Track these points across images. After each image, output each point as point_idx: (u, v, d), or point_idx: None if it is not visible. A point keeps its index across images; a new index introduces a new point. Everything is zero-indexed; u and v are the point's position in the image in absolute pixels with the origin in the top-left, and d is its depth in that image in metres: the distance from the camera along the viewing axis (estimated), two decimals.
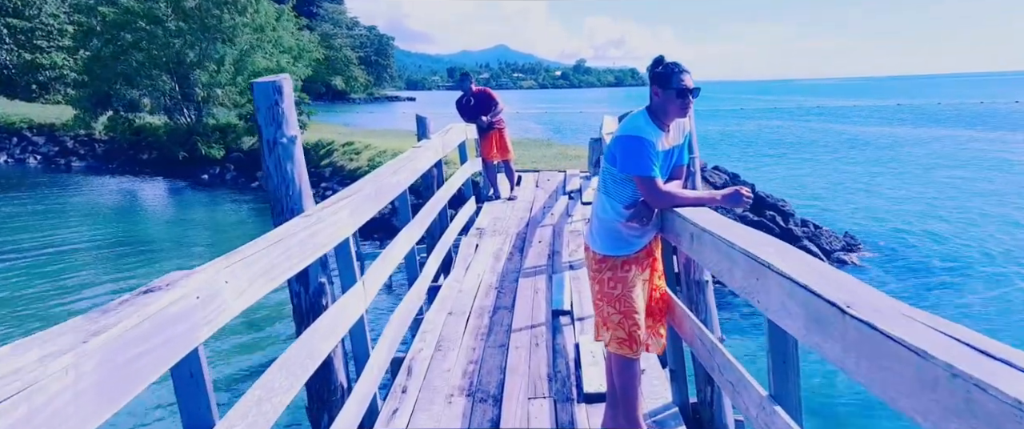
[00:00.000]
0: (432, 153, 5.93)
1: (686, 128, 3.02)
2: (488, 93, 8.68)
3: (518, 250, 6.56)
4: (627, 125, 2.85)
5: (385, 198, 4.12)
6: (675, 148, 2.95)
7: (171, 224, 16.80)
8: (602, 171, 3.00)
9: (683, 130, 2.99)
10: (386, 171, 4.43)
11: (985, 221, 13.94)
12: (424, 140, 6.22)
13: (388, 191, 4.18)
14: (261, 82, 3.20)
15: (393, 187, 4.34)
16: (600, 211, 2.97)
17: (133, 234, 15.22)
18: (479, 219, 7.87)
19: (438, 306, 5.06)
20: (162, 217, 17.61)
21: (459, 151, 7.98)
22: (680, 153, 2.99)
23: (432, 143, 6.06)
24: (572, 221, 7.64)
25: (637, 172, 2.77)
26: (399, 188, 4.53)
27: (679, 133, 2.97)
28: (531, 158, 13.79)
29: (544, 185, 10.02)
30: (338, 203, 3.31)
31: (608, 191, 2.93)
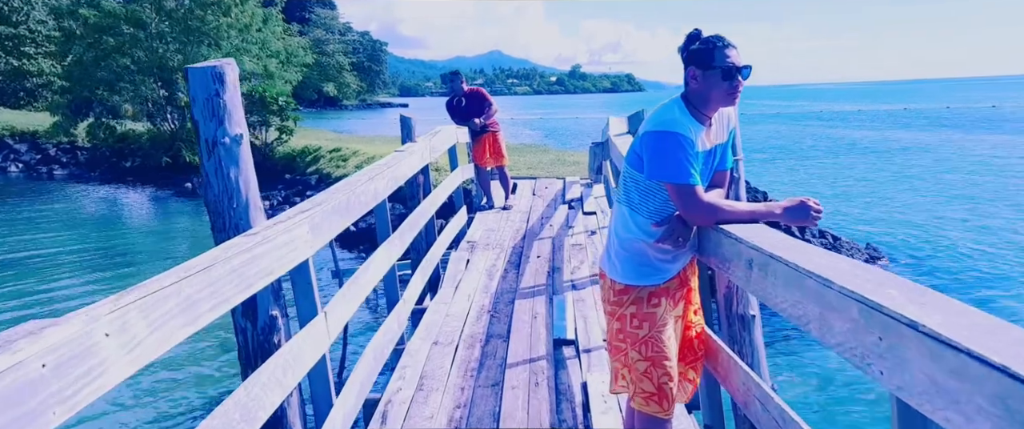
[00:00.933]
0: (417, 158, 5.28)
1: (731, 122, 2.38)
2: (481, 93, 8.03)
3: (514, 266, 5.90)
4: (658, 118, 2.20)
5: (358, 209, 3.47)
6: (718, 148, 2.31)
7: (151, 234, 16.12)
8: (623, 178, 2.35)
9: (727, 124, 2.35)
10: (361, 178, 3.78)
11: (1009, 227, 13.36)
12: (408, 144, 5.56)
13: (362, 201, 3.53)
14: (198, 67, 2.55)
15: (368, 197, 3.68)
16: (621, 229, 2.32)
17: (111, 245, 14.52)
18: (471, 231, 7.21)
19: (422, 334, 4.39)
20: (143, 227, 16.92)
21: (449, 156, 7.33)
22: (723, 154, 2.35)
23: (417, 147, 5.41)
24: (573, 233, 6.99)
25: (671, 178, 2.13)
26: (376, 198, 3.87)
27: (722, 128, 2.33)
28: (527, 164, 13.15)
29: (542, 193, 9.37)
30: (295, 218, 2.66)
31: (631, 203, 2.29)
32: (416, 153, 5.29)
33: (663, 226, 2.22)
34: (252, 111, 19.99)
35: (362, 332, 6.86)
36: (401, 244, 4.37)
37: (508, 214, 8.04)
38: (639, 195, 2.25)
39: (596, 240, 6.67)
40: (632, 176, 2.27)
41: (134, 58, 21.64)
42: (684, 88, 2.23)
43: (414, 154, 5.21)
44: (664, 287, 2.29)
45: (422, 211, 5.31)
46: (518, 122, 53.37)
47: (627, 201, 2.30)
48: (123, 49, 21.63)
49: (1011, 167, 21.60)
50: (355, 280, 3.28)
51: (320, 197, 3.19)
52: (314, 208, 2.87)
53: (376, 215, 4.17)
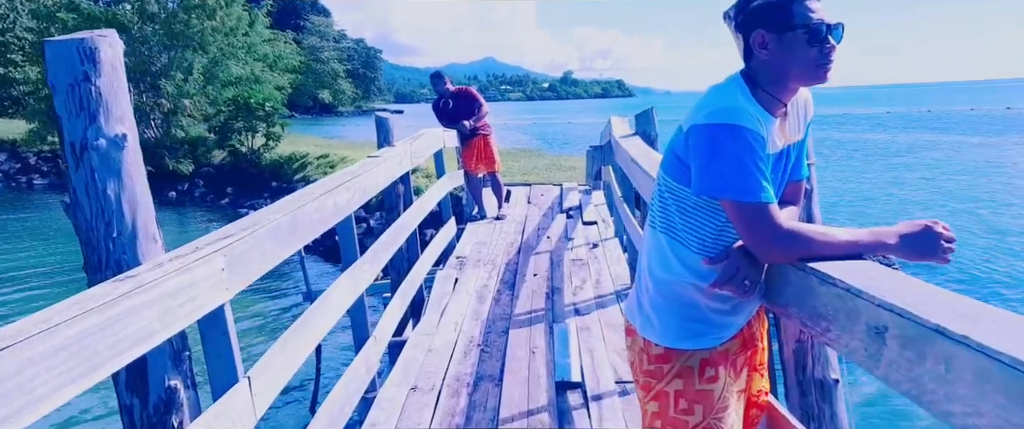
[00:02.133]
0: (394, 164, 4.57)
1: (809, 112, 1.67)
2: (469, 93, 7.33)
3: (508, 287, 5.18)
4: (712, 104, 1.48)
5: (308, 231, 2.76)
6: (792, 148, 1.60)
7: None
8: (658, 194, 1.63)
9: (804, 114, 1.65)
10: (314, 190, 3.07)
11: (1012, 228, 12.71)
12: (384, 148, 4.85)
13: (313, 220, 2.81)
14: (58, 42, 1.83)
15: (325, 213, 2.97)
16: (658, 267, 1.61)
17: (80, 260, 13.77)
18: (460, 245, 6.49)
19: (398, 377, 3.67)
20: None
21: (435, 162, 6.61)
22: (799, 157, 1.65)
23: (395, 152, 4.69)
24: (573, 246, 6.28)
25: (733, 193, 1.41)
26: (337, 214, 3.16)
27: (799, 120, 1.62)
28: (521, 170, 12.45)
29: (537, 201, 8.65)
30: (205, 249, 1.97)
31: (672, 229, 1.58)
32: (393, 159, 4.57)
33: (720, 263, 1.51)
34: (238, 117, 19.28)
35: (337, 367, 6.13)
36: (372, 268, 3.65)
37: (501, 225, 7.32)
38: (683, 218, 1.54)
39: (599, 254, 5.96)
40: (672, 190, 1.56)
41: None
42: (746, 64, 1.52)
43: (391, 160, 4.49)
44: (722, 350, 1.58)
45: (401, 225, 4.59)
46: (511, 127, 52.73)
47: (666, 227, 1.59)
48: None
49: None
50: (302, 324, 2.56)
51: (254, 218, 2.49)
52: (238, 235, 2.16)
53: (339, 235, 3.46)
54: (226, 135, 19.37)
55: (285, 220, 2.53)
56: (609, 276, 5.31)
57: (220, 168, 20.46)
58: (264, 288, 9.63)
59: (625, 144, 4.35)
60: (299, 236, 2.67)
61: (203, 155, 21.05)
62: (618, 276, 5.28)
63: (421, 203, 5.29)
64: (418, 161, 5.30)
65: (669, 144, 1.59)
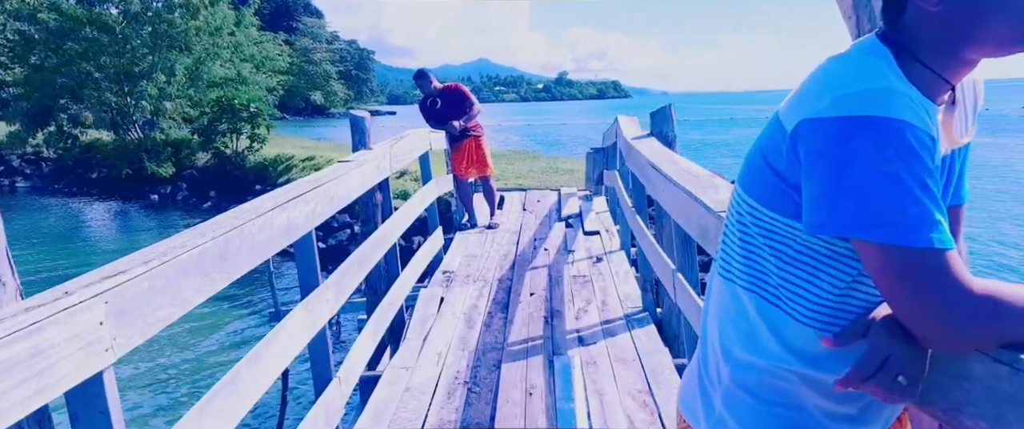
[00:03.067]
0: (370, 170, 3.96)
1: (979, 100, 1.06)
2: (459, 90, 6.73)
3: (501, 308, 4.58)
4: (843, 82, 0.86)
5: (248, 256, 2.16)
6: (955, 156, 1.00)
7: (111, 253, 14.71)
8: (736, 225, 1.02)
9: (974, 106, 1.04)
10: (264, 203, 2.47)
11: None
12: (360, 151, 4.24)
13: (257, 243, 2.21)
14: None
15: (273, 233, 2.37)
16: (740, 344, 1.00)
17: (64, 265, 13.11)
18: (448, 258, 5.88)
19: (367, 423, 3.06)
20: (102, 244, 15.48)
21: (421, 166, 6.00)
22: (962, 171, 1.04)
23: (371, 156, 4.08)
24: (574, 259, 5.68)
25: (886, 234, 0.80)
26: (291, 233, 2.56)
27: (968, 114, 1.02)
28: (515, 173, 11.84)
29: (533, 208, 8.04)
30: (78, 292, 1.39)
31: (764, 285, 0.96)
32: (369, 163, 3.96)
33: (853, 343, 0.91)
34: (221, 118, 18.62)
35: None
36: (338, 295, 3.04)
37: (494, 234, 6.71)
38: (785, 270, 0.94)
39: (604, 269, 5.36)
40: (763, 223, 0.95)
41: (98, 64, 20.19)
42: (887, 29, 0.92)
43: (366, 165, 3.88)
44: None
45: (378, 239, 3.98)
46: (505, 128, 52.22)
47: (752, 280, 0.98)
48: (87, 55, 20.17)
49: None
50: (231, 382, 1.95)
51: (171, 242, 1.89)
52: (133, 271, 1.56)
53: (296, 257, 2.85)
54: (210, 137, 18.70)
55: (212, 246, 1.93)
56: (616, 296, 4.71)
57: (204, 171, 19.79)
58: (233, 296, 8.96)
59: (640, 147, 3.76)
60: (233, 266, 2.06)
61: (187, 157, 20.37)
62: (627, 296, 4.68)
63: (403, 213, 4.68)
64: (400, 165, 4.69)
65: (756, 148, 0.98)
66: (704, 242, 2.33)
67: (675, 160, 3.19)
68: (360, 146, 4.30)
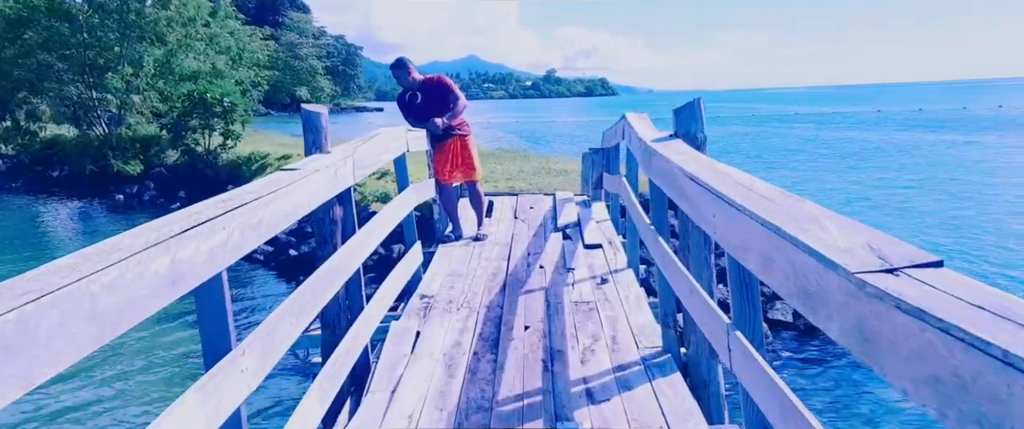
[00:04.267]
0: (326, 180, 3.10)
1: None
2: (442, 82, 5.87)
3: (489, 347, 3.73)
4: None
5: (78, 341, 1.31)
6: None
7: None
8: None
9: None
10: (144, 236, 1.63)
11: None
12: (314, 156, 3.37)
13: (106, 308, 1.36)
14: None
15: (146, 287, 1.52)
16: None
17: (12, 272, 12.13)
18: (428, 277, 5.03)
19: None
20: (62, 248, 14.50)
21: (396, 170, 5.12)
22: None
23: (328, 161, 3.22)
24: (574, 279, 4.84)
25: None
26: (178, 284, 1.71)
27: None
28: (505, 174, 10.99)
29: (526, 215, 7.19)
30: None
31: None
32: (326, 171, 3.10)
33: None
34: (192, 114, 17.63)
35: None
36: (265, 358, 2.18)
37: (482, 248, 5.87)
38: None
39: (611, 293, 4.53)
40: None
41: (60, 55, 19.10)
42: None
43: (321, 173, 3.03)
44: None
45: (334, 268, 3.12)
46: (494, 125, 51.39)
47: None
48: (48, 45, 19.07)
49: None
50: None
51: None
52: None
53: (199, 312, 2.00)
54: (180, 133, 17.69)
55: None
56: (629, 330, 3.88)
57: (174, 169, 18.77)
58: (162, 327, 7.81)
59: (667, 151, 2.92)
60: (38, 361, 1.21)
61: (156, 155, 19.33)
62: (642, 330, 3.85)
63: (371, 231, 3.82)
64: (366, 172, 3.82)
65: None
66: (802, 303, 1.51)
67: (723, 171, 2.36)
68: (314, 149, 3.43)
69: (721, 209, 2.00)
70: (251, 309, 9.10)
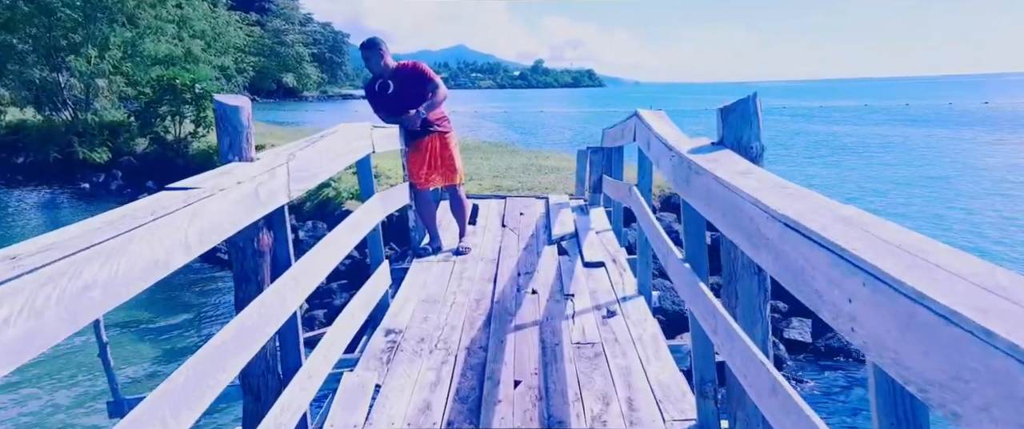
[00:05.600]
0: (246, 198, 2.22)
1: None
2: (418, 68, 4.99)
3: (469, 413, 2.86)
4: None
5: None
6: None
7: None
8: None
9: None
10: None
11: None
12: (231, 165, 2.47)
13: None
14: None
15: None
16: None
17: None
18: (396, 306, 4.16)
19: None
20: (25, 236, 13.52)
21: (359, 176, 4.21)
22: None
23: (250, 171, 2.33)
24: (575, 311, 3.98)
25: None
26: None
27: None
28: (492, 171, 10.10)
29: (516, 223, 6.32)
30: None
31: None
32: (241, 188, 2.22)
33: None
34: (162, 100, 16.60)
35: None
36: None
37: (464, 264, 4.99)
38: None
39: (619, 330, 3.68)
40: None
41: (22, 35, 17.96)
42: None
43: (238, 190, 2.16)
44: None
45: (258, 315, 2.24)
46: (482, 115, 50.46)
47: None
48: (8, 25, 17.92)
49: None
50: None
51: None
52: None
53: None
54: (148, 120, 16.65)
55: None
56: (648, 388, 3.03)
57: (143, 158, 17.74)
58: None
59: (726, 171, 2.06)
60: None
61: (125, 143, 18.27)
62: (666, 390, 3.00)
63: (315, 260, 2.93)
64: (311, 183, 2.93)
65: None
66: None
67: (845, 215, 1.48)
68: (232, 155, 2.53)
69: (875, 297, 1.13)
70: (210, 318, 8.22)
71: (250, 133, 2.58)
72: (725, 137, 2.50)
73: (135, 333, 7.44)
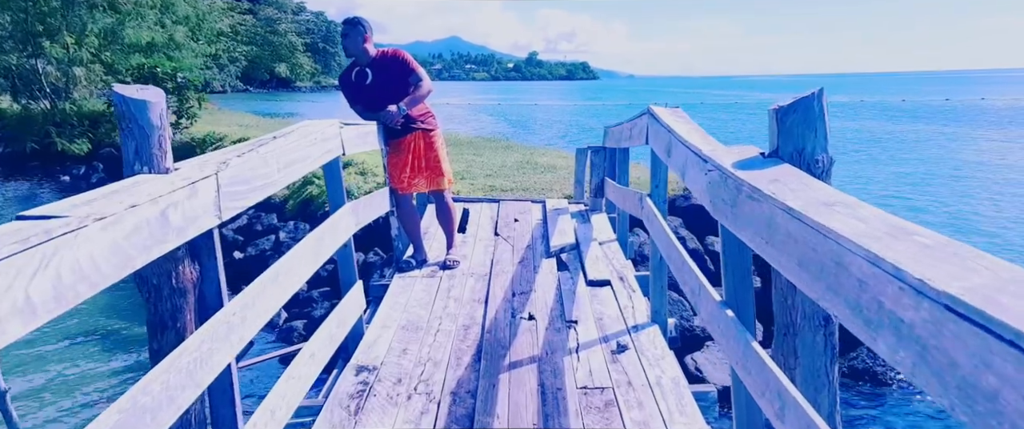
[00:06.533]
0: (150, 225, 1.64)
1: None
2: (399, 57, 4.39)
3: None
4: None
5: None
6: None
7: None
8: None
9: None
10: None
11: None
12: (136, 177, 1.89)
13: None
14: None
15: None
16: None
17: None
18: (371, 334, 3.57)
19: None
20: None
21: (327, 181, 3.61)
22: None
23: (160, 186, 1.75)
24: (578, 344, 3.41)
25: None
26: None
27: None
28: (484, 170, 9.50)
29: (510, 231, 5.73)
30: None
31: None
32: (142, 211, 1.64)
33: None
34: None
35: None
36: None
37: (451, 281, 4.41)
38: None
39: (632, 372, 3.10)
40: None
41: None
42: None
43: (131, 219, 1.57)
44: None
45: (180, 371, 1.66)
46: (476, 107, 49.84)
47: None
48: None
49: None
50: None
51: None
52: None
53: None
54: None
55: None
56: None
57: None
58: None
59: (794, 198, 1.48)
60: None
61: (106, 134, 17.57)
62: None
63: (263, 294, 2.35)
64: (252, 199, 2.35)
65: None
66: None
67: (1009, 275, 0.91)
68: (139, 164, 1.94)
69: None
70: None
71: (164, 136, 1.99)
72: (781, 147, 1.93)
73: (58, 369, 6.30)
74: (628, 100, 67.47)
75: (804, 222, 1.38)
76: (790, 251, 1.49)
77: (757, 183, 1.69)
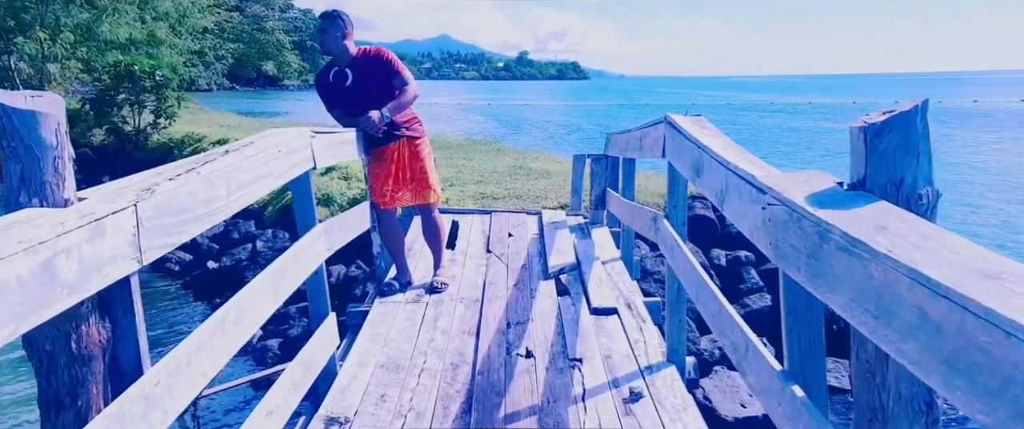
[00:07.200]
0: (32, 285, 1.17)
1: None
2: (382, 56, 3.92)
3: None
4: None
5: None
6: None
7: None
8: None
9: None
10: None
11: None
12: (19, 214, 1.43)
13: None
14: None
15: None
16: None
17: None
18: (345, 377, 3.10)
19: None
20: None
21: (294, 199, 3.14)
22: None
23: (54, 219, 1.29)
24: (585, 388, 2.95)
25: None
26: None
27: None
28: (475, 176, 9.03)
29: (502, 246, 5.26)
30: None
31: None
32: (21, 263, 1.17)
33: None
34: (119, 88, 15.34)
35: None
36: None
37: (438, 308, 3.94)
38: None
39: (644, 419, 2.65)
40: None
41: None
42: None
43: (16, 264, 1.10)
44: None
45: None
46: (465, 107, 49.37)
47: None
48: None
49: None
50: None
51: None
52: None
53: None
54: (104, 110, 15.36)
55: None
56: None
57: (101, 150, 16.44)
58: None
59: (928, 263, 1.03)
60: None
61: (81, 134, 16.95)
62: None
63: (206, 345, 1.88)
64: (191, 230, 1.88)
65: None
66: None
67: None
68: (29, 195, 1.47)
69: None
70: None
71: (60, 159, 1.51)
72: (871, 177, 1.48)
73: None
74: (619, 100, 67.09)
75: (965, 307, 0.93)
76: (927, 342, 1.03)
77: (857, 232, 1.24)
